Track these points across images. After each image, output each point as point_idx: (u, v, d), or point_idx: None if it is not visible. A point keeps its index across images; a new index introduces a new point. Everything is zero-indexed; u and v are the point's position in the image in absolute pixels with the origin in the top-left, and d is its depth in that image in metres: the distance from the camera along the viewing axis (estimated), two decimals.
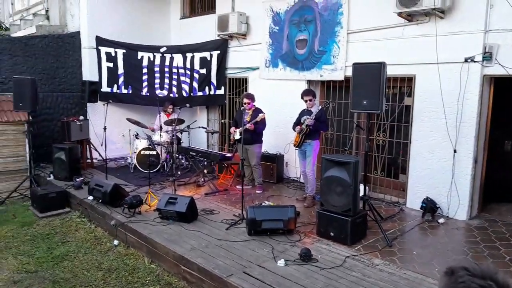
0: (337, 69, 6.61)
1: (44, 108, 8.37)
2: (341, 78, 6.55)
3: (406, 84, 5.96)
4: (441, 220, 5.31)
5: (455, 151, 5.34)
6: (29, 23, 10.43)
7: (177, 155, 8.02)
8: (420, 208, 5.54)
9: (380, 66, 4.73)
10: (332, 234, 4.67)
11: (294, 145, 6.15)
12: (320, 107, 5.95)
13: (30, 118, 7.26)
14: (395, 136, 6.21)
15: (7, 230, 5.63)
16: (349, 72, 5.21)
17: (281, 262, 4.08)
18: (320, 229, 4.80)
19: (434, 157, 5.61)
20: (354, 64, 5.03)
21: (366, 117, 5.38)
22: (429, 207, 5.44)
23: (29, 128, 7.26)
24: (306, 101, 6.05)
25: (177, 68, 8.94)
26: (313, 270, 3.98)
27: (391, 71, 5.16)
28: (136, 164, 7.90)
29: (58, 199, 6.43)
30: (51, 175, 7.51)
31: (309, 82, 7.14)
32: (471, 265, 1.08)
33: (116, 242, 5.23)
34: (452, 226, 5.22)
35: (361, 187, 4.99)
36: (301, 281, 3.75)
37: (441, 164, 5.54)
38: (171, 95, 8.95)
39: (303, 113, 6.14)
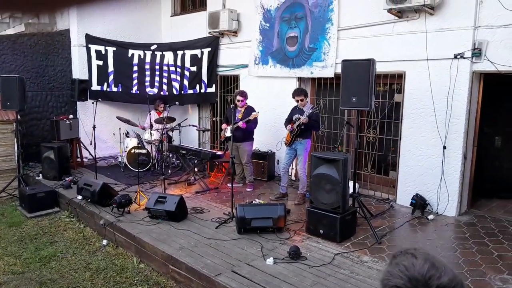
0: (328, 66, 6.59)
1: (33, 107, 8.29)
2: (331, 75, 6.53)
3: (396, 81, 5.95)
4: (430, 217, 5.32)
5: (444, 147, 5.34)
6: (18, 21, 10.29)
7: (167, 154, 7.97)
8: (410, 205, 5.55)
9: (369, 63, 4.71)
10: (321, 231, 4.66)
11: (285, 143, 6.12)
12: (311, 109, 5.87)
13: (19, 117, 7.17)
14: (385, 133, 6.20)
15: None
16: (340, 69, 5.20)
17: (270, 261, 4.07)
18: (310, 226, 4.79)
19: (424, 153, 5.61)
20: (343, 61, 5.00)
21: (356, 114, 5.37)
22: (419, 203, 5.44)
23: (18, 127, 7.16)
24: (297, 101, 5.99)
25: (168, 66, 8.87)
26: (302, 268, 3.97)
27: (381, 68, 5.15)
28: (127, 163, 7.84)
29: (46, 199, 6.36)
30: (40, 174, 7.43)
31: (300, 79, 7.11)
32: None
33: (105, 242, 5.18)
34: (441, 222, 5.23)
35: (351, 184, 4.97)
36: (289, 279, 3.74)
37: (430, 160, 5.54)
38: (162, 93, 8.89)
39: (294, 110, 6.10)
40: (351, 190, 4.95)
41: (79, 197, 6.07)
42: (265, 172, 7.23)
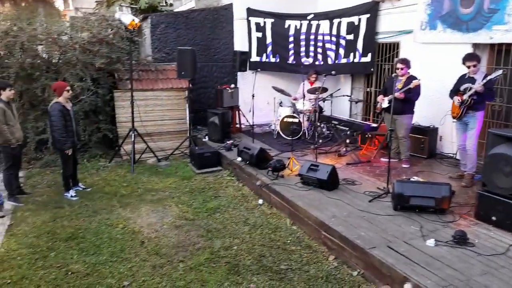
0: None
1: (201, 77, 9.22)
2: None
3: None
4: None
5: None
6: None
7: (318, 124, 8.01)
8: None
9: None
10: (494, 218, 4.10)
11: (453, 117, 5.49)
12: (488, 76, 5.08)
13: (190, 85, 8.09)
14: None
15: (171, 182, 6.50)
16: None
17: (430, 242, 3.77)
18: (480, 212, 4.26)
19: None
20: None
21: None
22: None
23: (189, 94, 8.10)
24: (469, 67, 5.28)
25: (323, 35, 8.76)
26: (469, 254, 3.59)
27: None
28: (279, 131, 8.17)
29: (212, 158, 7.15)
30: (206, 136, 8.34)
31: (475, 45, 6.20)
32: None
33: (260, 201, 5.56)
34: None
35: None
36: (454, 264, 3.42)
37: None
38: (317, 62, 8.88)
39: (462, 80, 5.40)
40: None
41: (239, 159, 6.62)
42: (424, 149, 6.65)
